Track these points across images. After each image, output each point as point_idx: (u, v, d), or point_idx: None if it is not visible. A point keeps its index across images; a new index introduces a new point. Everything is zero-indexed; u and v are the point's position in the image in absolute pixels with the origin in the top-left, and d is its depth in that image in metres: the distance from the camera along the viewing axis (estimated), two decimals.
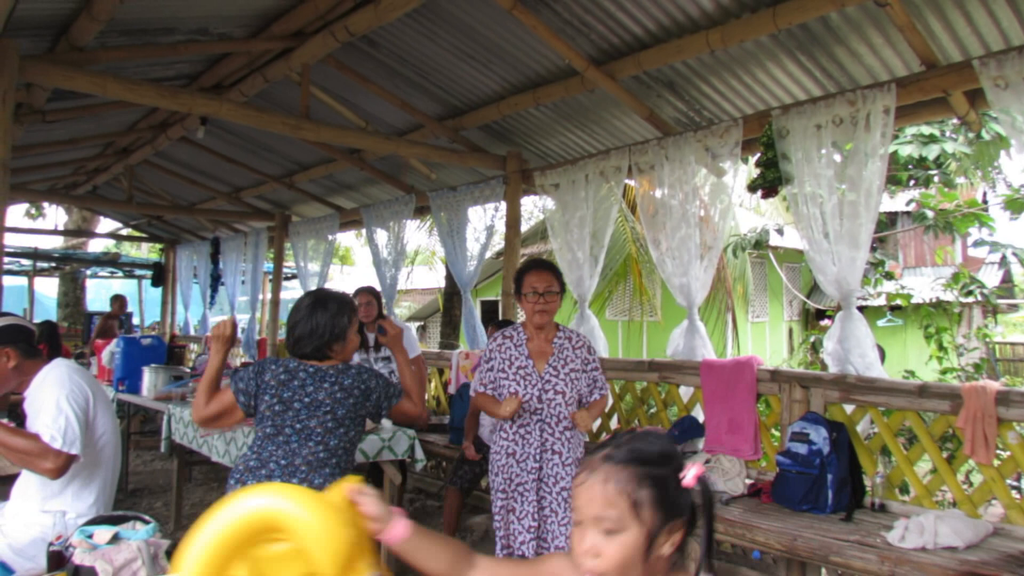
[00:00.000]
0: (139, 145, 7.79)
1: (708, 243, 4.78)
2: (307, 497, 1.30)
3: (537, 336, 3.25)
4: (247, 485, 2.55)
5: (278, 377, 2.64)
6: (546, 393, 3.14)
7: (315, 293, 2.85)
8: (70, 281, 14.35)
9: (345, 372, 2.70)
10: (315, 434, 2.59)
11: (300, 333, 2.71)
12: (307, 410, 2.60)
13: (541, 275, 3.21)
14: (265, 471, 2.55)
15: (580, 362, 3.24)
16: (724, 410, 4.26)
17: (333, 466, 2.61)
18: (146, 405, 6.05)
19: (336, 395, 2.64)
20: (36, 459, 2.48)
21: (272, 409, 2.61)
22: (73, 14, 4.04)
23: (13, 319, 2.79)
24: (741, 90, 4.51)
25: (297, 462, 2.56)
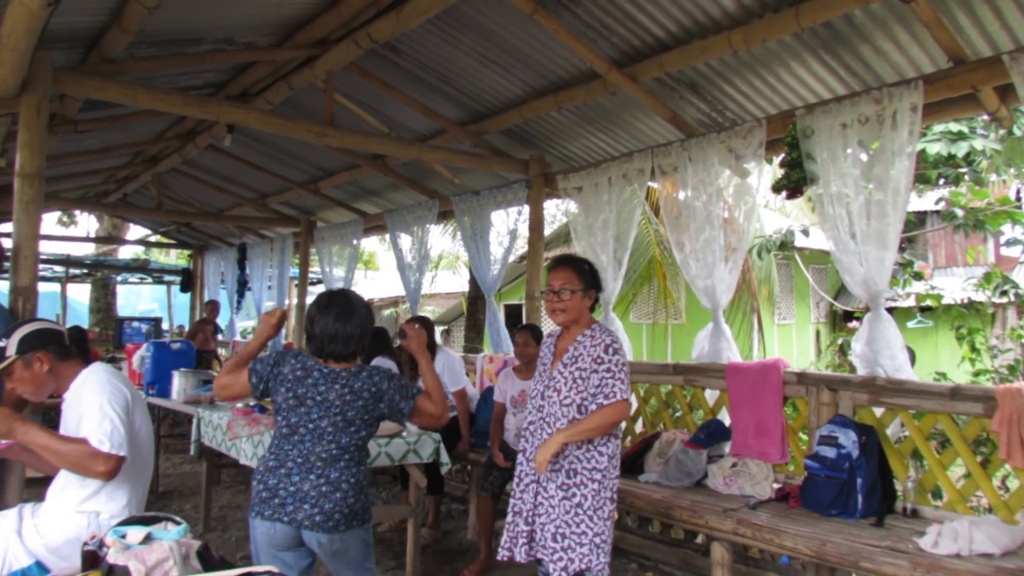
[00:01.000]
0: (167, 153, 7.92)
1: (733, 245, 4.75)
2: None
3: (566, 334, 3.08)
4: (268, 484, 2.62)
5: (295, 372, 2.70)
6: (547, 391, 3.02)
7: (339, 295, 2.85)
8: (101, 287, 14.61)
9: (356, 375, 2.72)
10: (327, 433, 2.65)
11: (331, 334, 2.73)
12: (319, 409, 2.65)
13: (558, 272, 3.04)
14: (284, 469, 2.63)
15: (591, 361, 2.91)
16: (751, 413, 4.23)
17: (347, 460, 2.68)
18: (176, 408, 6.14)
19: (346, 397, 2.67)
20: (88, 463, 2.52)
21: (288, 403, 2.68)
22: (104, 26, 4.13)
23: (41, 323, 2.84)
24: (764, 90, 4.48)
25: (312, 459, 2.64)
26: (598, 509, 2.88)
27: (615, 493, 2.98)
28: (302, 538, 2.63)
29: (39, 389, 2.73)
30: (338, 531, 2.61)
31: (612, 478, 2.95)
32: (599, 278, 3.16)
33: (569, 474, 2.91)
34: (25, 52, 3.30)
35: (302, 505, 2.58)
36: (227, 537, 5.14)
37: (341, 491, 2.63)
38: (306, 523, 2.58)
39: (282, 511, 2.59)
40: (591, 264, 3.14)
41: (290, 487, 2.60)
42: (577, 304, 3.00)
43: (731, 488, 3.95)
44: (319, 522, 2.58)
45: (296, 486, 2.60)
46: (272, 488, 2.61)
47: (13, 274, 3.77)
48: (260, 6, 4.50)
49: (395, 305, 21.53)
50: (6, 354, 2.66)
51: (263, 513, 2.61)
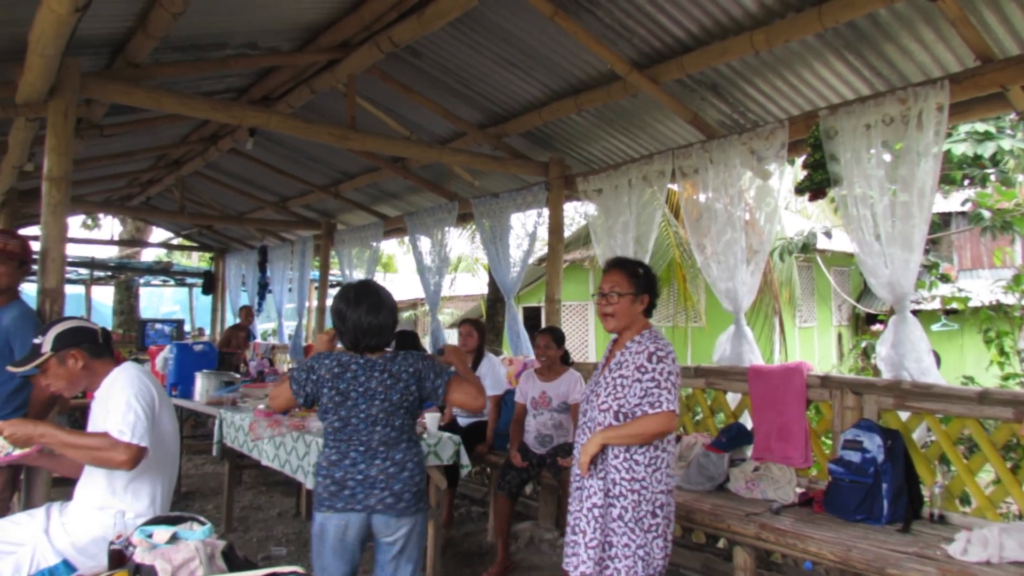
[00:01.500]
0: (190, 157, 8.01)
1: (755, 247, 4.71)
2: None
3: (619, 340, 2.96)
4: (335, 478, 2.69)
5: (332, 371, 2.75)
6: (591, 396, 2.94)
7: (366, 288, 2.88)
8: (124, 289, 14.77)
9: (392, 360, 2.80)
10: (379, 419, 2.73)
11: (366, 327, 2.77)
12: (364, 399, 2.72)
13: (608, 275, 2.94)
14: (348, 460, 2.71)
15: (634, 369, 2.78)
16: (773, 417, 4.19)
17: (407, 441, 2.78)
18: (198, 410, 6.20)
19: (387, 382, 2.74)
20: (108, 453, 2.57)
21: (333, 400, 2.73)
22: (130, 32, 4.19)
23: (76, 321, 2.89)
24: (787, 91, 4.45)
25: (374, 445, 2.72)
26: (639, 521, 2.74)
27: (663, 508, 2.79)
28: (371, 527, 2.70)
29: (72, 386, 2.78)
30: (408, 512, 2.71)
31: (656, 491, 2.78)
32: (655, 282, 3.01)
33: (609, 483, 2.81)
34: (53, 58, 3.36)
35: (372, 491, 2.66)
36: (248, 538, 5.17)
37: (408, 471, 2.73)
38: (378, 507, 2.66)
39: (354, 500, 2.66)
40: (647, 267, 3.01)
41: (357, 475, 2.68)
42: (626, 308, 2.87)
43: (753, 492, 3.91)
44: (391, 504, 2.67)
45: (363, 473, 2.68)
46: (339, 480, 2.68)
47: (41, 276, 3.82)
48: (283, 11, 4.54)
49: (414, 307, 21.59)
50: (41, 350, 2.71)
51: (335, 506, 2.66)
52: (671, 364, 2.79)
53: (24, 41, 3.35)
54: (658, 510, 2.78)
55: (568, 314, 15.05)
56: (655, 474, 2.79)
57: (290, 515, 5.74)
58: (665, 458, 2.83)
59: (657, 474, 2.80)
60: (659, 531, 2.78)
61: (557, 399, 4.71)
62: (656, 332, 2.91)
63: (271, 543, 5.05)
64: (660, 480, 2.80)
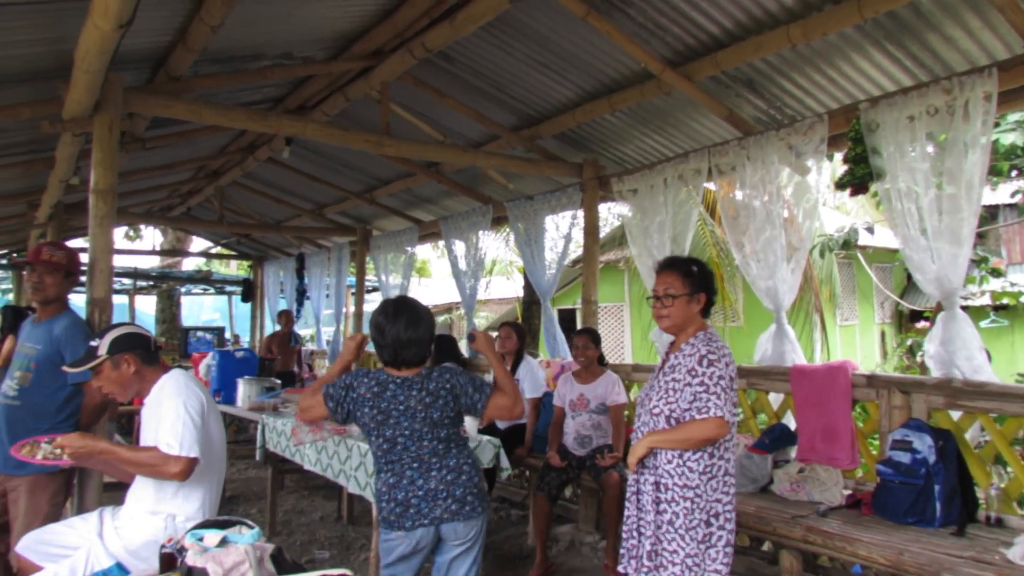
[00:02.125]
0: (229, 167, 8.15)
1: (794, 244, 4.64)
2: None
3: (675, 342, 2.87)
4: (398, 500, 2.68)
5: (372, 389, 2.74)
6: (645, 399, 2.86)
7: (405, 303, 2.89)
8: (166, 298, 15.10)
9: (428, 377, 2.79)
10: (425, 434, 2.73)
11: (404, 341, 2.77)
12: (405, 417, 2.72)
13: (662, 276, 2.86)
14: (406, 480, 2.71)
15: (685, 373, 2.70)
16: (818, 417, 4.11)
17: (456, 448, 2.79)
18: (240, 415, 6.30)
19: (425, 400, 2.74)
20: (161, 467, 2.66)
21: (375, 420, 2.72)
22: (170, 46, 4.27)
23: (130, 327, 2.96)
24: (825, 84, 4.37)
25: (425, 457, 2.72)
26: (691, 530, 2.64)
27: (718, 517, 2.68)
28: (440, 535, 2.71)
29: (124, 390, 2.85)
30: (476, 515, 2.72)
31: (711, 499, 2.67)
32: (712, 280, 2.89)
33: (660, 488, 2.73)
34: (98, 74, 3.44)
35: (436, 502, 2.68)
36: (292, 541, 5.23)
37: (465, 474, 2.74)
38: (445, 516, 2.67)
39: (420, 516, 2.67)
40: (702, 265, 2.90)
41: (419, 492, 2.68)
42: (681, 310, 2.78)
43: (799, 494, 3.84)
44: (456, 511, 2.68)
45: (423, 488, 2.69)
46: (403, 501, 2.68)
47: (89, 287, 3.92)
48: (317, 20, 4.60)
49: (449, 312, 21.68)
50: (97, 353, 2.78)
51: (404, 526, 2.66)
52: (723, 368, 2.68)
53: (70, 58, 3.44)
54: (713, 519, 2.68)
55: (603, 316, 14.97)
56: (710, 482, 2.69)
57: (332, 519, 5.80)
58: (722, 466, 2.72)
59: (713, 482, 2.69)
60: (713, 541, 2.67)
61: (595, 401, 4.69)
62: (712, 334, 2.80)
63: (314, 547, 5.10)
64: (716, 488, 2.70)
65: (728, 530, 2.72)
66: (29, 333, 3.54)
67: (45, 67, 4.11)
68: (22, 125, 4.89)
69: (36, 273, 3.48)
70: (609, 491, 4.31)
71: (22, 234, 9.88)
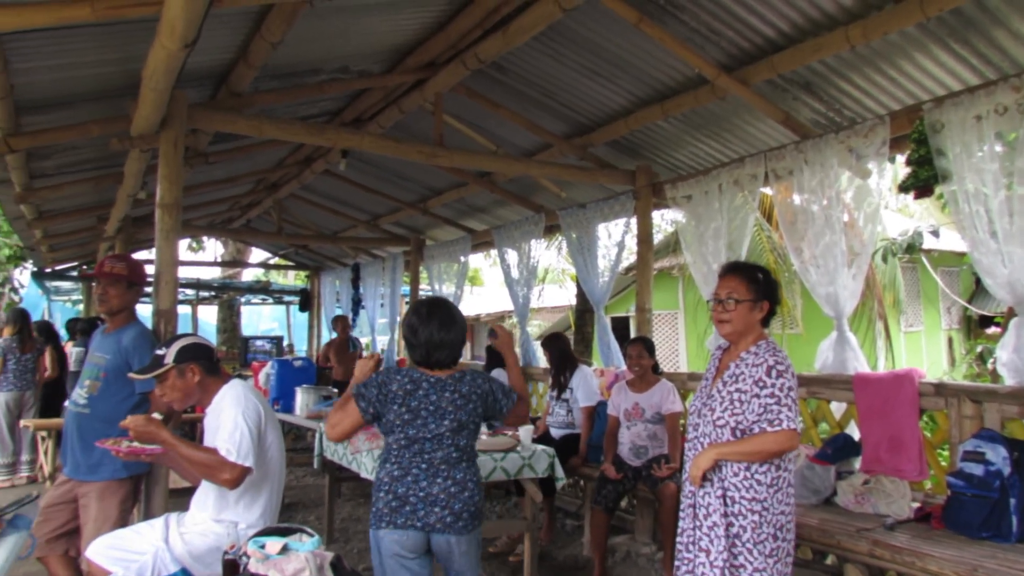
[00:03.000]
0: (287, 180, 8.35)
1: (855, 249, 4.52)
2: None
3: (732, 349, 2.82)
4: (397, 493, 2.67)
5: (404, 387, 2.75)
6: (703, 409, 2.79)
7: (438, 304, 2.90)
8: (227, 308, 15.49)
9: (461, 380, 2.81)
10: (445, 439, 2.72)
11: (437, 343, 2.79)
12: (434, 418, 2.72)
13: (725, 280, 2.80)
14: (410, 477, 2.69)
15: (752, 383, 2.64)
16: (883, 427, 3.99)
17: (467, 461, 2.79)
18: (298, 423, 6.42)
19: (456, 402, 2.75)
20: (215, 471, 2.71)
21: (402, 418, 2.72)
22: (232, 63, 4.41)
23: (195, 338, 3.05)
24: (886, 85, 4.25)
25: (436, 463, 2.71)
26: (759, 543, 2.60)
27: (782, 530, 2.64)
28: (430, 544, 2.69)
29: (186, 398, 2.93)
30: (467, 531, 2.69)
31: (777, 512, 2.63)
32: (776, 288, 2.86)
33: (727, 501, 2.67)
34: (164, 91, 3.57)
35: (432, 508, 2.66)
36: (349, 549, 5.30)
37: (468, 490, 2.72)
38: (438, 526, 2.65)
39: (414, 517, 2.65)
40: (767, 273, 2.85)
41: (419, 492, 2.67)
42: (743, 316, 2.72)
43: (863, 506, 3.73)
44: (450, 523, 2.66)
45: (425, 491, 2.67)
46: (402, 496, 2.67)
47: (155, 298, 4.05)
48: (372, 35, 4.68)
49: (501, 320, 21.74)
50: (164, 361, 2.88)
51: (395, 522, 2.65)
52: (791, 379, 2.63)
53: (138, 77, 3.57)
54: (779, 532, 2.63)
55: (658, 323, 14.81)
56: (777, 495, 2.64)
57: None
58: (786, 477, 2.67)
59: (779, 495, 2.65)
60: (779, 555, 2.62)
61: (650, 410, 4.64)
62: (774, 343, 2.74)
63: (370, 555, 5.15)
64: (782, 501, 2.65)
65: (789, 541, 2.67)
66: (99, 343, 3.68)
67: (114, 86, 4.29)
68: (92, 142, 5.10)
69: (101, 285, 3.61)
70: (666, 502, 4.25)
71: (91, 247, 10.28)
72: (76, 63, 3.85)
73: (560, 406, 5.56)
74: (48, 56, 3.62)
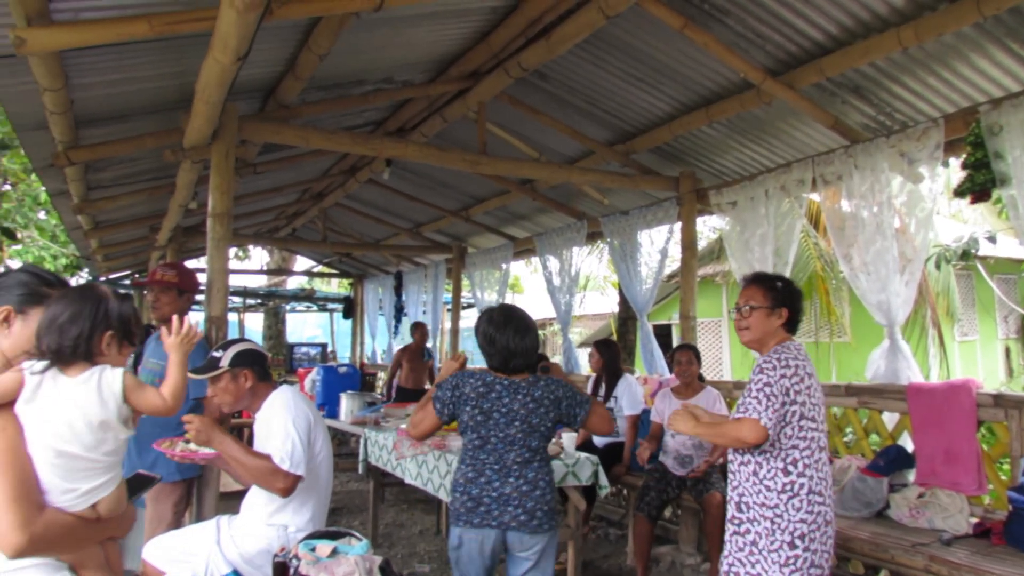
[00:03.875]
0: (332, 189, 8.47)
1: (907, 256, 4.41)
2: None
3: (760, 355, 2.88)
4: (471, 495, 2.76)
5: (477, 390, 2.82)
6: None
7: (513, 312, 2.98)
8: (272, 316, 15.77)
9: (535, 384, 2.87)
10: (517, 440, 2.79)
11: (514, 350, 2.86)
12: (505, 419, 2.79)
13: (745, 290, 2.89)
14: (483, 478, 2.78)
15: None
16: (938, 439, 3.87)
17: (539, 461, 2.84)
18: (343, 429, 6.49)
19: (529, 405, 2.81)
20: (269, 479, 2.75)
21: (475, 420, 2.80)
22: (280, 75, 4.50)
23: (250, 344, 3.11)
24: (940, 87, 4.15)
25: (508, 463, 2.78)
26: (772, 551, 2.59)
27: (803, 539, 2.58)
28: (506, 543, 2.75)
29: (236, 402, 2.99)
30: (541, 531, 2.75)
31: (795, 520, 2.58)
32: (797, 296, 2.89)
33: (740, 507, 2.70)
34: (217, 104, 3.66)
35: (506, 507, 2.73)
36: (393, 554, 5.33)
37: (540, 489, 2.78)
38: (512, 524, 2.72)
39: (489, 516, 2.73)
40: (787, 281, 2.92)
41: (492, 492, 2.75)
42: (760, 322, 2.78)
43: (918, 521, 3.63)
44: (524, 522, 2.72)
45: (497, 491, 2.74)
46: (476, 497, 2.75)
47: (207, 305, 4.15)
48: (416, 46, 4.73)
49: (542, 327, 21.74)
50: (220, 364, 2.94)
51: (472, 521, 2.74)
52: (771, 374, 2.62)
53: (191, 91, 3.67)
54: (797, 541, 2.57)
55: (701, 331, 14.63)
56: (791, 501, 2.60)
57: (431, 533, 5.88)
58: (805, 483, 2.61)
59: (795, 501, 2.60)
60: (798, 565, 2.56)
61: None
62: (786, 345, 2.75)
63: (415, 560, 5.18)
64: (800, 508, 2.60)
65: (815, 552, 2.59)
66: (154, 349, 3.77)
67: (167, 100, 4.41)
68: (146, 154, 5.25)
69: (153, 293, 3.71)
70: (711, 511, 4.19)
71: (144, 256, 10.56)
72: (132, 78, 3.97)
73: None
74: (105, 72, 3.75)
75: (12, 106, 3.92)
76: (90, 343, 1.79)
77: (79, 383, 1.78)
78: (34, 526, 1.59)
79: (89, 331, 1.79)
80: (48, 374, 1.75)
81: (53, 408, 1.73)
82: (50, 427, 1.72)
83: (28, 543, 1.58)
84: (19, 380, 1.69)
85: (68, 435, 1.73)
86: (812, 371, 2.71)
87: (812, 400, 2.66)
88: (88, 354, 1.80)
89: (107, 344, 1.82)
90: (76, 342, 1.77)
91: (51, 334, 1.76)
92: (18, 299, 1.83)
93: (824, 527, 2.63)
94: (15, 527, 1.56)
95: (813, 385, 2.68)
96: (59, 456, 1.72)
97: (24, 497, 1.59)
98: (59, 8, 2.81)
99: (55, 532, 1.63)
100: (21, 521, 1.57)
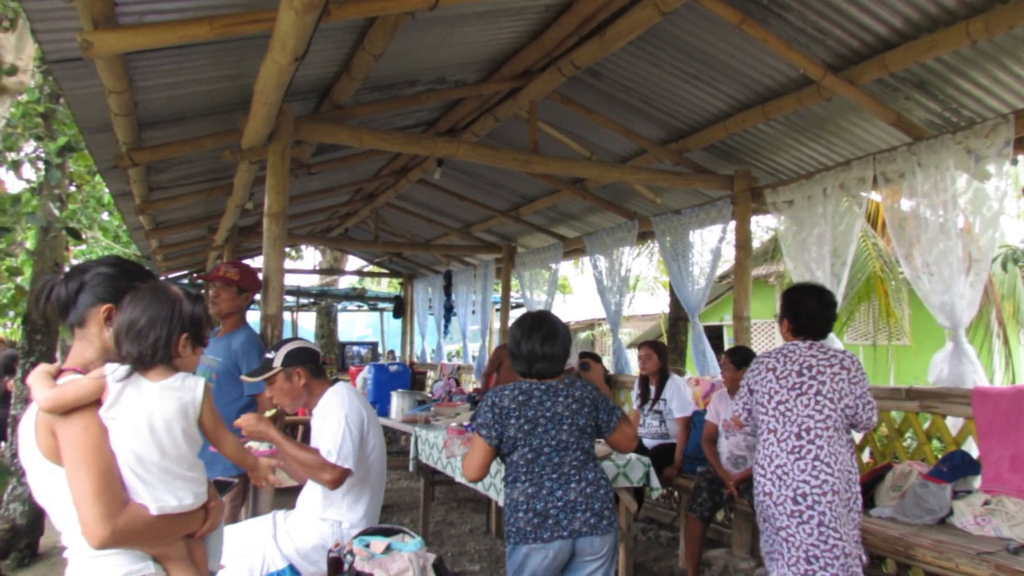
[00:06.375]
0: (383, 189, 8.57)
1: (973, 256, 4.25)
2: None
3: None
4: (537, 510, 2.68)
5: (516, 399, 2.78)
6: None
7: (542, 318, 2.94)
8: (324, 315, 16.02)
9: (572, 385, 2.84)
10: (570, 445, 2.75)
11: (538, 355, 2.82)
12: (553, 424, 2.74)
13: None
14: (545, 490, 2.72)
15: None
16: (1006, 445, 3.73)
17: (594, 463, 2.82)
18: (394, 427, 6.56)
19: (572, 406, 2.78)
20: (317, 471, 2.80)
21: (522, 430, 2.74)
22: (335, 76, 4.56)
23: (303, 342, 3.17)
24: (1010, 82, 3.99)
25: (566, 470, 2.74)
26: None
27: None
28: (574, 550, 2.70)
29: (294, 401, 3.04)
30: (611, 530, 2.73)
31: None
32: (795, 303, 3.27)
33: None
34: (274, 105, 3.73)
35: (575, 514, 2.68)
36: (443, 552, 5.36)
37: (603, 488, 2.76)
38: (584, 530, 2.68)
39: (559, 528, 2.67)
40: (788, 291, 3.26)
41: (557, 503, 2.69)
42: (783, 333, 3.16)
43: (984, 529, 3.49)
44: (594, 524, 2.69)
45: (563, 500, 2.70)
46: (542, 511, 2.69)
47: (263, 304, 4.23)
48: (469, 45, 4.75)
49: (591, 328, 21.62)
50: (272, 365, 3.00)
51: (542, 537, 2.66)
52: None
53: (248, 92, 3.75)
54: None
55: (755, 332, 14.37)
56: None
57: (481, 531, 5.90)
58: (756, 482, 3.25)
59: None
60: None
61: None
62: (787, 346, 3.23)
63: (464, 559, 5.21)
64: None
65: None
66: (211, 347, 3.85)
67: (225, 101, 4.51)
68: (204, 155, 5.38)
69: (214, 288, 3.80)
70: None
71: (201, 256, 10.84)
72: (191, 80, 4.07)
73: (652, 417, 5.47)
74: (166, 74, 3.84)
75: (79, 109, 4.04)
76: (168, 347, 1.79)
77: (163, 388, 1.78)
78: (117, 519, 1.63)
79: (167, 336, 1.78)
80: (131, 379, 1.75)
81: (137, 413, 1.73)
82: (132, 430, 1.72)
83: (111, 535, 1.61)
84: (101, 386, 1.71)
85: (149, 439, 1.74)
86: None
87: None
88: (167, 357, 1.80)
89: (183, 346, 1.82)
90: (155, 347, 1.77)
91: (130, 340, 1.76)
92: (116, 295, 1.83)
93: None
94: (99, 519, 1.60)
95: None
96: (139, 461, 1.73)
97: (108, 490, 1.63)
98: (124, 12, 2.88)
99: (138, 526, 1.67)
100: (105, 513, 1.61)
